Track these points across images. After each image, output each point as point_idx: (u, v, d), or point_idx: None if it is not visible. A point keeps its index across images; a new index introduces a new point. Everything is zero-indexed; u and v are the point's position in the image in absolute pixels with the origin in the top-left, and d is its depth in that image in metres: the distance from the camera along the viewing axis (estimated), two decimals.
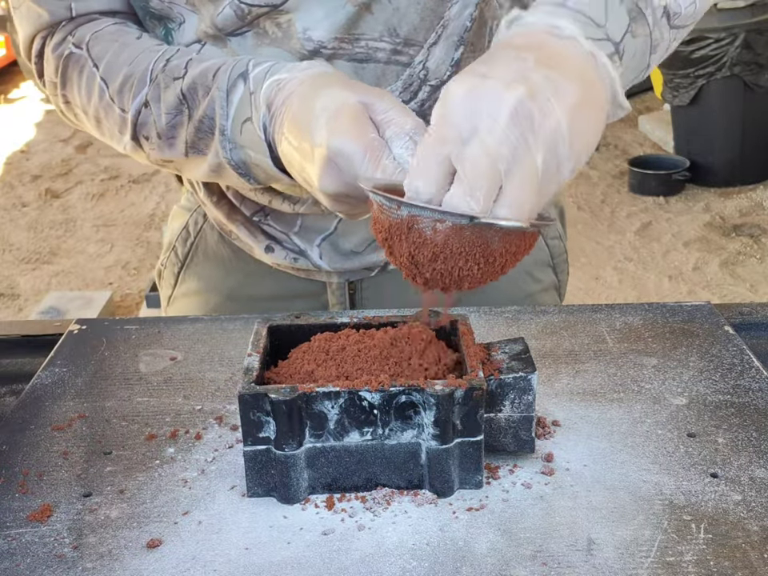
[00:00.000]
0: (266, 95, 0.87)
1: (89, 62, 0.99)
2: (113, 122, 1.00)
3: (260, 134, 0.87)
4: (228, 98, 0.90)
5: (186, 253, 1.20)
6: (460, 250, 0.68)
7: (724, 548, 0.66)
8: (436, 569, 0.64)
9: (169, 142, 0.96)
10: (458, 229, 0.67)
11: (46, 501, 0.73)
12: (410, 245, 0.69)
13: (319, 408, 0.70)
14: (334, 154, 0.77)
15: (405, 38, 0.97)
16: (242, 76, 0.90)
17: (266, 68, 0.89)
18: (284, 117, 0.84)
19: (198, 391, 0.88)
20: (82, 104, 1.02)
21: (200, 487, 0.74)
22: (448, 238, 0.68)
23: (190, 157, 0.96)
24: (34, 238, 4.24)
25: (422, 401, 0.69)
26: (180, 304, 1.23)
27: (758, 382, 0.86)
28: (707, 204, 4.20)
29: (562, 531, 0.68)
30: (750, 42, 4.01)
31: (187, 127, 0.94)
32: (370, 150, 0.76)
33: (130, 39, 0.99)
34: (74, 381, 0.90)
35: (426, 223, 0.68)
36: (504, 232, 0.68)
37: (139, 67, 0.96)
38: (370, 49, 0.97)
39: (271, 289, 1.14)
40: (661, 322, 0.98)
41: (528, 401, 0.74)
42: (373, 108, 0.79)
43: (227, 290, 1.17)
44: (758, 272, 3.60)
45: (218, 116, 0.91)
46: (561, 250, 1.21)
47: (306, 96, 0.83)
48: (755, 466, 0.74)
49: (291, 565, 0.65)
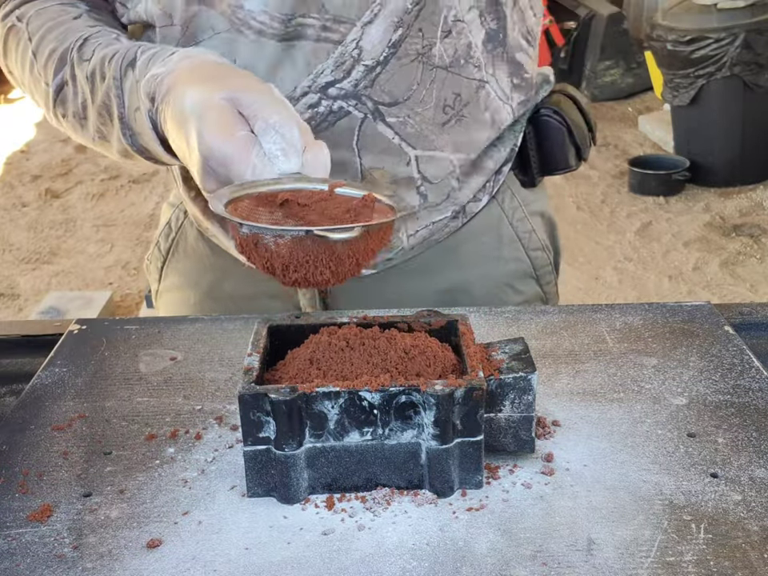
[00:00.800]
0: (145, 90, 0.88)
1: (25, 34, 1.02)
2: (40, 95, 1.02)
3: (148, 125, 0.89)
4: (122, 86, 0.92)
5: (167, 248, 1.21)
6: (306, 259, 0.72)
7: (724, 548, 0.66)
8: (436, 569, 0.64)
9: (81, 122, 0.98)
10: (299, 240, 0.71)
11: (46, 501, 0.73)
12: (260, 257, 0.73)
13: (319, 408, 0.70)
14: (206, 157, 0.79)
15: (334, 14, 0.96)
16: (131, 64, 0.92)
17: (148, 56, 0.90)
18: (166, 114, 0.86)
19: (198, 391, 0.88)
20: (19, 76, 1.05)
21: (200, 487, 0.74)
22: (292, 250, 0.71)
23: (96, 141, 0.98)
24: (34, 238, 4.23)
25: (421, 401, 0.69)
26: (165, 299, 1.23)
27: (758, 382, 0.86)
28: (707, 204, 4.20)
29: (562, 531, 0.68)
30: (750, 41, 4.01)
31: (91, 111, 0.96)
32: (237, 150, 0.78)
33: (67, 18, 1.02)
34: (74, 381, 0.90)
35: (269, 239, 0.71)
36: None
37: (63, 44, 0.98)
38: (300, 26, 0.96)
39: (248, 288, 1.14)
40: (661, 321, 0.98)
41: (528, 401, 0.74)
42: (239, 102, 0.80)
43: (206, 287, 1.18)
44: (757, 272, 3.60)
45: (114, 104, 0.92)
46: (544, 261, 1.18)
47: (178, 95, 0.84)
48: (755, 466, 0.74)
49: (291, 565, 0.65)
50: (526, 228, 1.16)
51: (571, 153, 1.14)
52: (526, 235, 1.16)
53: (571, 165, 1.15)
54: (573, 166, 1.15)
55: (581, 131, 1.14)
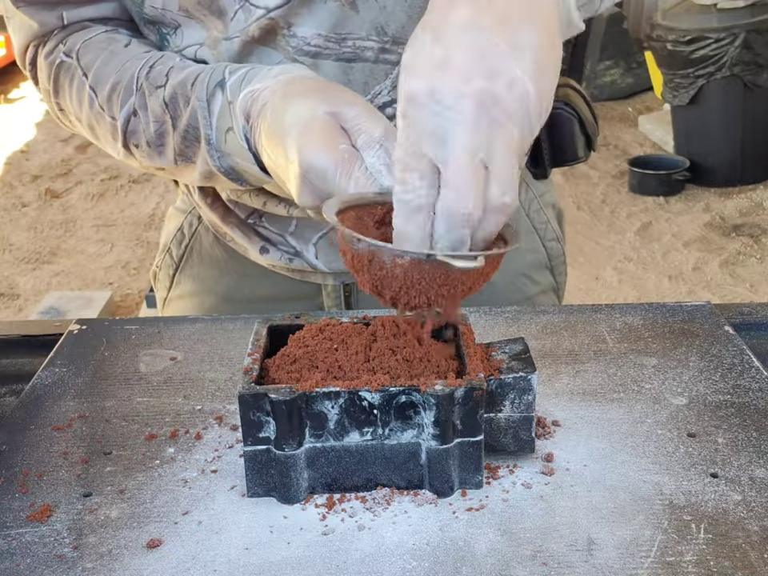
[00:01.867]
0: (242, 107, 0.87)
1: (78, 70, 1.00)
2: (105, 129, 1.00)
3: (243, 144, 0.88)
4: (209, 108, 0.90)
5: (180, 255, 1.20)
6: (420, 282, 0.68)
7: (724, 548, 0.66)
8: (436, 569, 0.64)
9: (158, 150, 0.96)
10: (417, 262, 0.67)
11: (46, 501, 0.73)
12: (372, 276, 0.69)
13: (319, 408, 0.70)
14: (306, 170, 0.77)
15: (393, 36, 0.96)
16: (220, 85, 0.90)
17: (240, 75, 0.89)
18: (261, 129, 0.84)
19: (198, 391, 0.88)
20: (75, 112, 1.03)
21: (200, 487, 0.74)
22: (407, 271, 0.68)
23: (179, 165, 0.96)
24: (34, 238, 4.24)
25: (421, 401, 0.69)
26: (175, 306, 1.23)
27: (758, 382, 0.86)
28: (707, 204, 4.20)
29: (562, 531, 0.68)
30: (750, 41, 4.01)
31: (173, 136, 0.94)
32: (340, 164, 0.76)
33: (119, 47, 1.00)
34: (74, 381, 0.90)
35: (386, 257, 0.68)
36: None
37: (126, 74, 0.97)
38: (358, 48, 0.97)
39: (267, 290, 1.14)
40: (661, 321, 0.98)
41: (528, 401, 0.74)
42: (342, 116, 0.79)
43: (222, 292, 1.17)
44: (757, 272, 3.60)
45: (201, 125, 0.91)
46: (559, 252, 1.21)
47: (277, 108, 0.83)
48: (755, 466, 0.74)
49: (291, 565, 0.65)
50: (542, 219, 1.18)
51: (581, 144, 1.16)
52: (542, 226, 1.18)
53: (581, 155, 1.17)
54: (583, 156, 1.17)
55: (590, 122, 1.16)
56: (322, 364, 0.74)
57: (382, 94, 0.98)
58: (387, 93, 0.98)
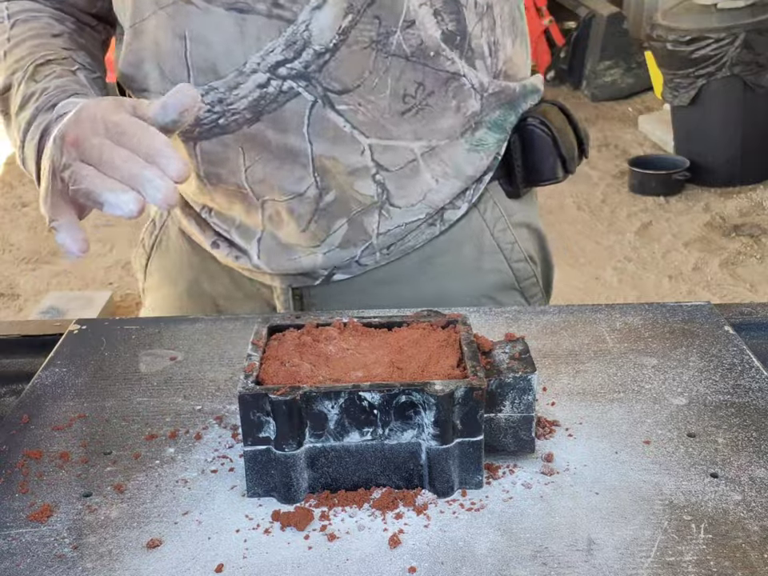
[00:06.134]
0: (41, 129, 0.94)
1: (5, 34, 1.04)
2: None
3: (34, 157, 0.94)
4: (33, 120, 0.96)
5: (151, 245, 1.21)
6: None
7: (724, 548, 0.66)
8: (436, 569, 0.64)
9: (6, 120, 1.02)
10: None
11: (46, 501, 0.73)
12: None
13: (319, 408, 0.70)
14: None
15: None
16: (52, 108, 0.95)
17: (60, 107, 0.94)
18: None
19: (198, 391, 0.88)
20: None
21: (200, 487, 0.74)
22: None
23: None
24: (34, 238, 4.23)
25: (421, 401, 0.69)
26: (150, 296, 1.23)
27: (758, 382, 0.86)
28: (707, 204, 4.20)
29: (562, 531, 0.68)
30: (750, 41, 4.01)
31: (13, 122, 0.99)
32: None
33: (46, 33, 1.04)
34: (73, 381, 0.90)
35: None
36: None
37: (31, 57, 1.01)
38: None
39: (225, 288, 1.14)
40: (661, 321, 0.98)
41: (528, 401, 0.74)
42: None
43: (185, 285, 1.17)
44: (758, 272, 3.60)
45: (21, 131, 0.97)
46: (529, 273, 1.15)
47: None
48: (755, 466, 0.74)
49: (291, 565, 0.65)
50: (509, 239, 1.12)
51: (557, 164, 1.11)
52: (509, 246, 1.13)
53: (557, 176, 1.12)
54: (558, 177, 1.12)
55: (568, 142, 1.11)
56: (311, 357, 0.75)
57: (275, 51, 0.96)
58: (281, 51, 0.96)
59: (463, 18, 1.00)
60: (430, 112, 1.02)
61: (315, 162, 1.00)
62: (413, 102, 1.00)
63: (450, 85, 1.02)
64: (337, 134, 0.99)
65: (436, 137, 1.03)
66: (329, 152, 1.00)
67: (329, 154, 1.00)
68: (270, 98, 0.97)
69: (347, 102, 0.98)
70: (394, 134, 1.01)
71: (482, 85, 1.04)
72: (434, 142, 1.04)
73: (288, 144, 1.00)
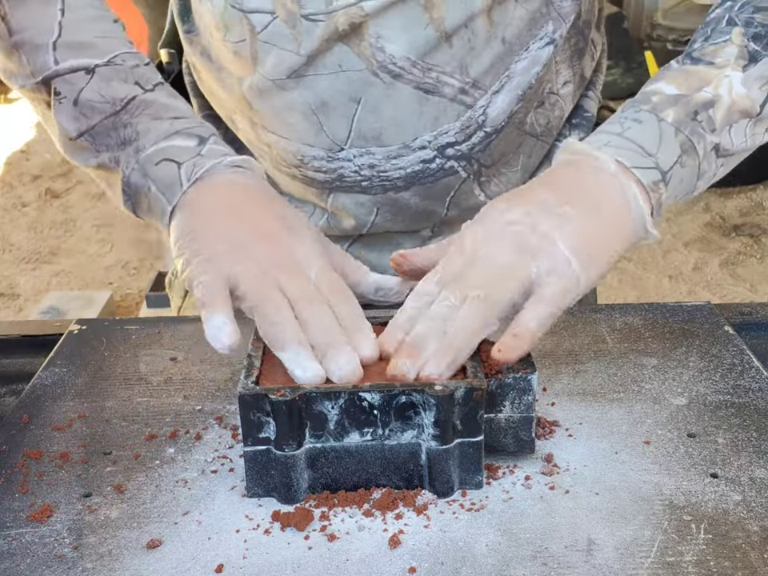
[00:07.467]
0: (186, 173, 0.85)
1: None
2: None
3: (175, 179, 0.85)
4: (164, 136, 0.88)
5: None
6: None
7: (724, 548, 0.66)
8: (436, 569, 0.64)
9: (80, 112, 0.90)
10: None
11: (46, 501, 0.73)
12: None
13: (319, 408, 0.70)
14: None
15: (474, 78, 0.97)
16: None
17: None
18: (185, 212, 0.83)
19: (198, 391, 0.88)
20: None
21: (200, 487, 0.74)
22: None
23: (78, 141, 0.91)
24: (33, 238, 4.23)
25: (421, 401, 0.69)
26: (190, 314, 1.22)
27: (758, 382, 0.86)
28: (707, 204, 4.20)
29: (562, 531, 0.68)
30: None
31: (105, 122, 0.89)
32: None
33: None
34: (73, 381, 0.90)
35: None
36: None
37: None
38: (439, 82, 0.97)
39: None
40: (661, 321, 0.98)
41: (528, 401, 0.74)
42: (235, 283, 0.78)
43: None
44: (758, 272, 3.60)
45: (143, 136, 0.88)
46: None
47: (198, 219, 0.83)
48: (755, 466, 0.74)
49: (291, 565, 0.65)
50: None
51: None
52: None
53: None
54: None
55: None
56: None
57: (449, 133, 0.99)
58: (453, 134, 0.99)
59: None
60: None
61: (443, 220, 1.07)
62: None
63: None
64: (471, 202, 1.04)
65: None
66: (458, 214, 1.05)
67: (457, 215, 1.05)
68: (429, 172, 1.01)
69: (487, 175, 1.04)
70: None
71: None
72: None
73: (427, 210, 1.04)
